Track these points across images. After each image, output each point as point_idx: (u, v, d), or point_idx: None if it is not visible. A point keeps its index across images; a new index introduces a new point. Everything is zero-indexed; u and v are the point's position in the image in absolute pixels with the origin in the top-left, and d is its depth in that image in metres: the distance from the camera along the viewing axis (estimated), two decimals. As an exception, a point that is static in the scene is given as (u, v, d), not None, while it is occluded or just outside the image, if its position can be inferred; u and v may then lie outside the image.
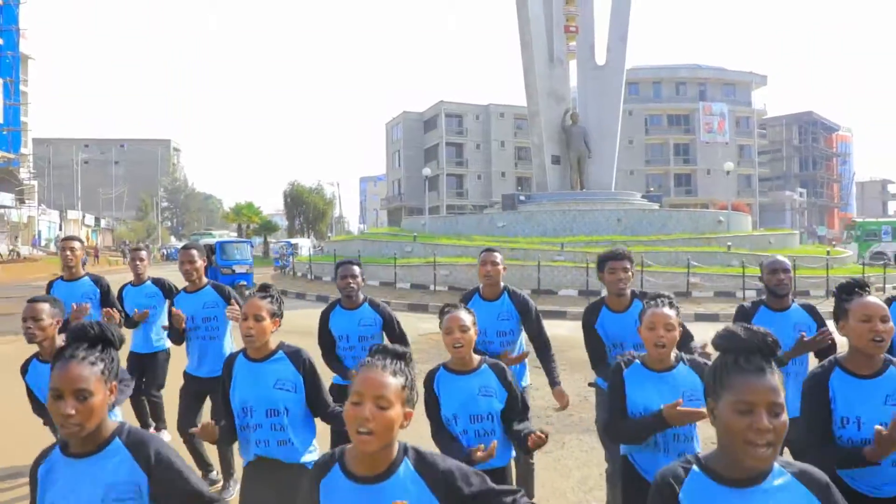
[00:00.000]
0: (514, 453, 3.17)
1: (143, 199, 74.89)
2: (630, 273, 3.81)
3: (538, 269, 18.98)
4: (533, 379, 4.66)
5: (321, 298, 19.69)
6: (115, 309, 5.12)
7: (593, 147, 26.73)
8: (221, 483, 4.92)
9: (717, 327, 1.73)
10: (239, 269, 23.75)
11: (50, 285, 5.28)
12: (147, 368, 5.78)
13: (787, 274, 3.87)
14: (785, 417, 1.51)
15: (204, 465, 4.94)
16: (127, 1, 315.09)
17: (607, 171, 27.29)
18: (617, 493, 3.52)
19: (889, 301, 3.60)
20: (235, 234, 53.25)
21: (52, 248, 45.54)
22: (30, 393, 3.39)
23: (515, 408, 2.98)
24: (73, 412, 1.72)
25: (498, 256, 4.20)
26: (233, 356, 3.06)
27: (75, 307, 4.48)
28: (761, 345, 1.57)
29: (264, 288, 3.01)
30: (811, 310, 3.90)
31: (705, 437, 2.94)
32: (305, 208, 57.35)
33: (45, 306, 3.28)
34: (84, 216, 65.04)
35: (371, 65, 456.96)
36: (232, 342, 4.83)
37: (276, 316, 2.96)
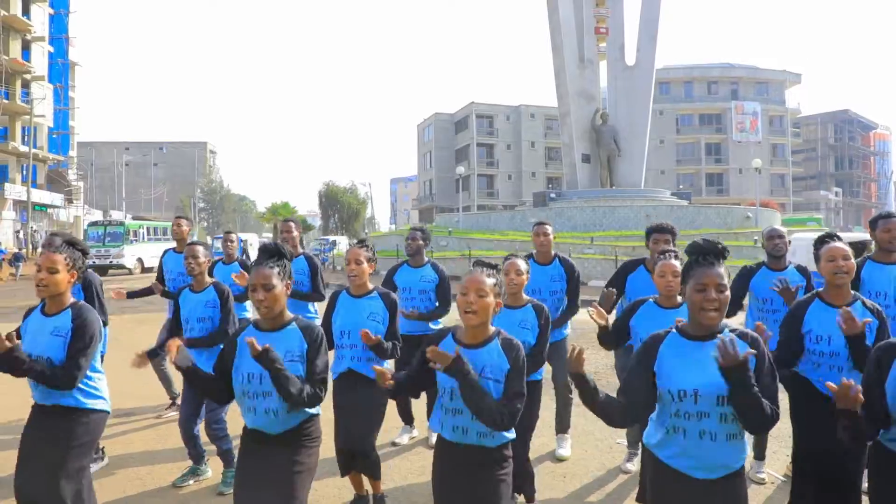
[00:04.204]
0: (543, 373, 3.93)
1: (182, 200, 76.95)
2: (672, 245, 4.43)
3: (568, 262, 19.69)
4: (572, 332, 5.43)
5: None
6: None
7: (623, 146, 27.31)
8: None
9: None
10: None
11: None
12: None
13: (783, 239, 4.62)
14: (727, 294, 2.31)
15: None
16: (163, 7, 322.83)
17: (637, 170, 27.84)
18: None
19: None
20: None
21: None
22: (176, 313, 4.47)
23: (539, 343, 3.76)
24: (263, 298, 2.66)
25: (549, 228, 5.05)
26: (337, 293, 3.99)
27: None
28: (713, 249, 2.37)
29: (362, 240, 3.96)
30: (804, 270, 4.62)
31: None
32: (340, 207, 58.49)
33: (201, 248, 4.40)
34: (126, 217, 67.22)
35: (402, 67, 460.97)
36: (315, 307, 5.76)
37: (372, 261, 3.91)
